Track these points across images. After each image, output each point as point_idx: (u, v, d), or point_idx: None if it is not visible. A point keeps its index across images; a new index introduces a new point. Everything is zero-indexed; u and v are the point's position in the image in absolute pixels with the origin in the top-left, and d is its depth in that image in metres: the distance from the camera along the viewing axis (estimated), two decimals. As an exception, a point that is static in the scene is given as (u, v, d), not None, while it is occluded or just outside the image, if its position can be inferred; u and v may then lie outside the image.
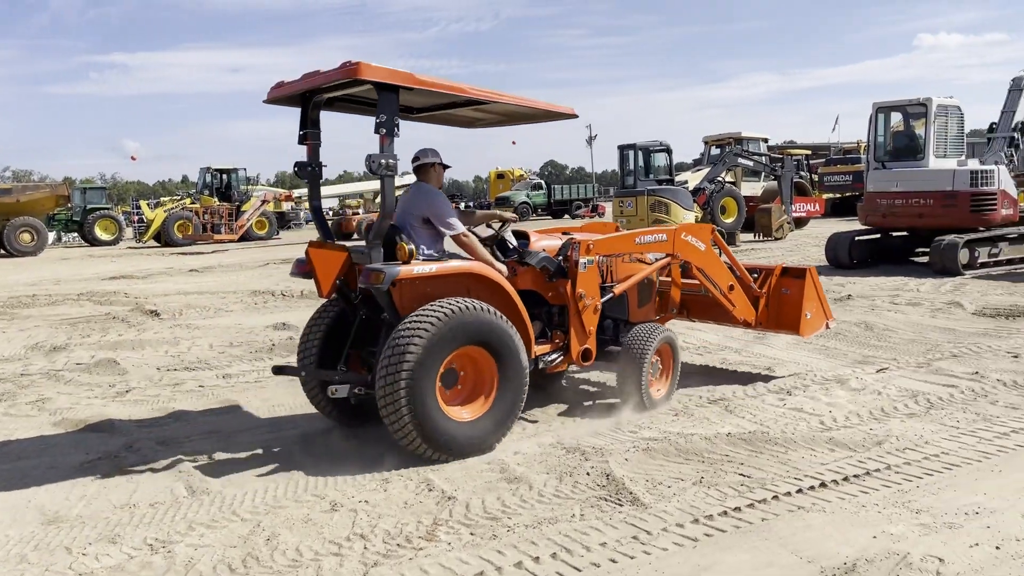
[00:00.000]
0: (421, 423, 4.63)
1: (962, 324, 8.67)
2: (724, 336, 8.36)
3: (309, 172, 5.42)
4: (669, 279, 6.68)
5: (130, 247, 31.38)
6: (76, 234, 35.35)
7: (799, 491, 4.15)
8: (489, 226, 5.99)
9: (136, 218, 34.94)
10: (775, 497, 4.08)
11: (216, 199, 32.81)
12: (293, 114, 5.52)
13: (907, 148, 14.29)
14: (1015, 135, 14.29)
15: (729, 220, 22.43)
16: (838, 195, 32.81)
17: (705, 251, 6.40)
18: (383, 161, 4.75)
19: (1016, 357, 6.94)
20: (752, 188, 25.41)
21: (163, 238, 30.29)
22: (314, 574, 3.46)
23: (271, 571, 3.50)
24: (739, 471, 4.47)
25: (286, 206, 40.45)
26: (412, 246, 4.95)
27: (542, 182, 51.79)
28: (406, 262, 4.84)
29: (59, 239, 36.81)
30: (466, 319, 4.79)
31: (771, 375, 6.69)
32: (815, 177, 33.67)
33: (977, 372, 6.46)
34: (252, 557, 3.62)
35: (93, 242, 32.99)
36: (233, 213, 31.78)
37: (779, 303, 6.70)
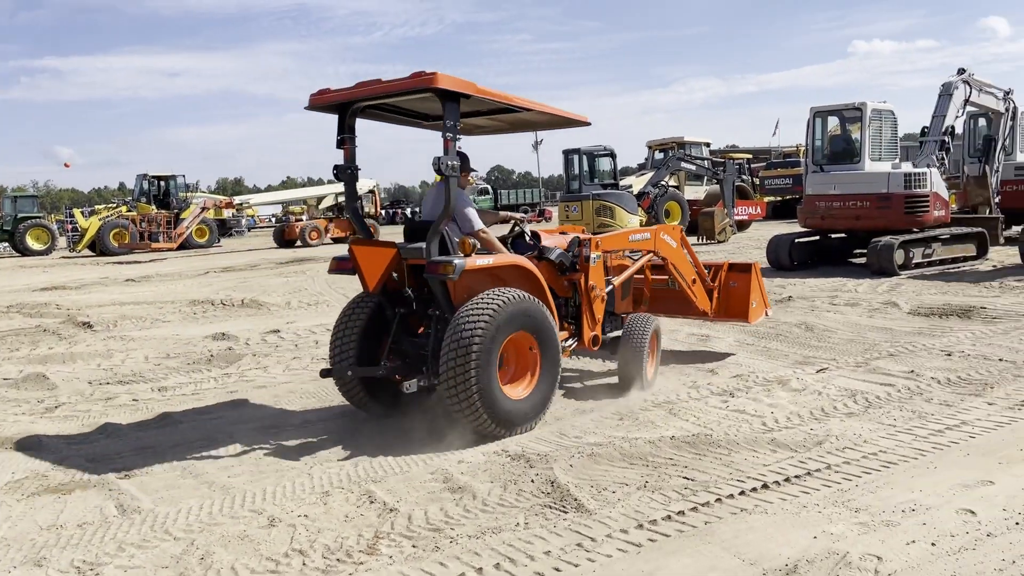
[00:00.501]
0: (488, 402, 5.06)
1: (898, 323, 8.86)
2: (668, 339, 8.38)
3: (347, 174, 5.76)
4: (642, 275, 7.26)
5: (64, 257, 30.44)
6: (7, 244, 34.17)
7: (742, 493, 4.16)
8: (518, 224, 6.39)
9: (70, 227, 33.94)
10: (718, 500, 4.09)
11: (154, 206, 32.05)
12: (235, 119, 5.48)
13: (844, 152, 14.58)
14: (946, 139, 14.68)
15: (673, 223, 22.68)
16: (779, 198, 33.43)
17: (676, 248, 7.14)
18: (449, 163, 5.18)
19: (949, 355, 7.12)
20: (695, 192, 25.81)
21: (98, 247, 29.44)
22: (250, 593, 3.35)
23: (205, 592, 3.38)
24: (683, 474, 4.47)
25: (227, 213, 39.71)
26: (474, 240, 5.41)
27: (488, 187, 51.92)
28: (468, 255, 5.26)
29: (-11, 249, 35.56)
30: (519, 307, 5.28)
31: (714, 377, 6.74)
32: (756, 181, 34.29)
33: (913, 371, 6.60)
34: (185, 578, 3.49)
35: (25, 252, 31.96)
36: (172, 221, 31.08)
37: (727, 295, 7.58)
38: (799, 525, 3.76)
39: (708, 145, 28.01)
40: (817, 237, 15.12)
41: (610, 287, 6.45)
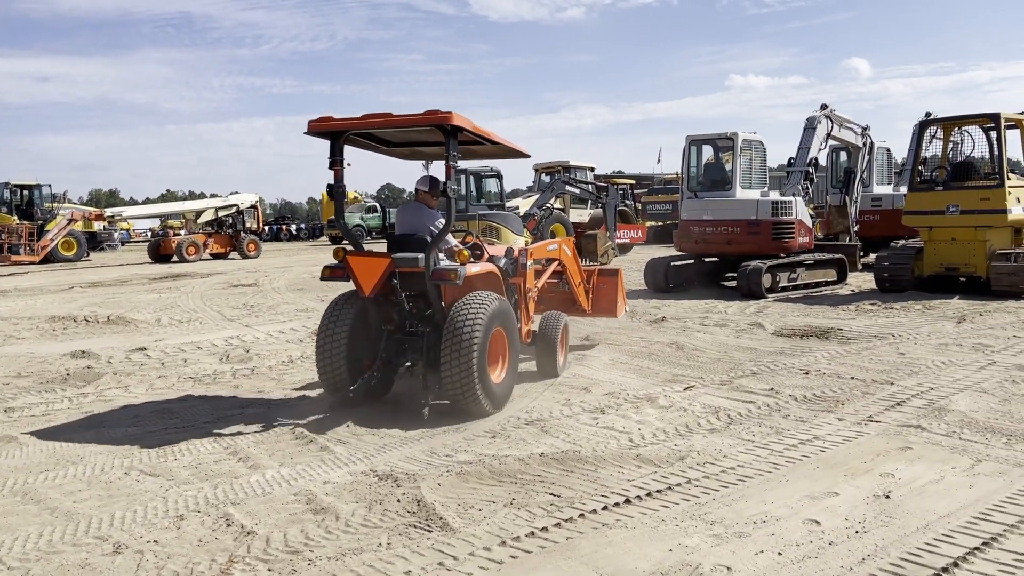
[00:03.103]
0: (483, 384, 5.93)
1: (762, 344, 9.27)
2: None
3: (338, 192, 6.54)
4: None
5: (-89, 268, 28.16)
6: None
7: (604, 508, 4.23)
8: (473, 236, 7.34)
9: (-81, 237, 31.44)
10: (581, 515, 4.13)
11: (16, 217, 30.13)
12: (111, 128, 5.27)
13: (717, 179, 15.21)
14: (810, 170, 15.55)
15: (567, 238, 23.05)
16: (660, 223, 34.55)
17: (571, 256, 8.56)
18: (453, 187, 6.21)
19: (807, 374, 7.49)
20: (579, 215, 26.37)
21: (-49, 260, 27.44)
22: (87, 625, 3.15)
23: (36, 625, 3.15)
24: (550, 491, 4.51)
25: (97, 226, 37.70)
26: (467, 251, 6.30)
27: (377, 205, 51.38)
28: (464, 264, 6.12)
29: None
30: (501, 307, 6.23)
31: (587, 394, 6.84)
32: (639, 206, 35.37)
33: (773, 388, 6.90)
34: (14, 611, 3.24)
35: None
36: (35, 232, 29.29)
37: (598, 295, 9.04)
38: (657, 538, 3.85)
39: (592, 170, 28.69)
40: (692, 260, 15.66)
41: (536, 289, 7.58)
